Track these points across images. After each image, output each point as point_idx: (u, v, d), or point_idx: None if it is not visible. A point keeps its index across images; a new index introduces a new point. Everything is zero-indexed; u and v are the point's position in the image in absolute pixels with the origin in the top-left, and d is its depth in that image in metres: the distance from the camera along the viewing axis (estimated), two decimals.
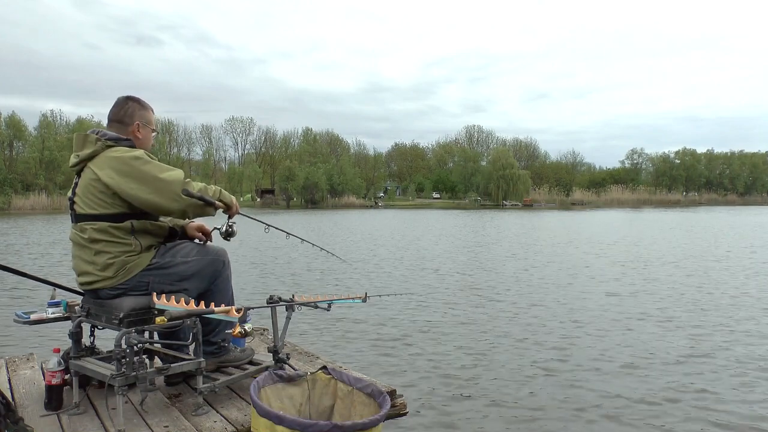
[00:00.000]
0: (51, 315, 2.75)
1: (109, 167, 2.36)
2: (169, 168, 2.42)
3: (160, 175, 2.35)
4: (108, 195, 2.37)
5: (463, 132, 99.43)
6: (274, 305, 2.53)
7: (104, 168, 2.36)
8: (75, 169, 2.49)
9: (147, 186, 2.34)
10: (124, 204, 2.40)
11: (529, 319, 7.41)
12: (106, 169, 2.36)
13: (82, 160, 2.44)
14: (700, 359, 5.57)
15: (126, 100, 2.61)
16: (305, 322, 6.94)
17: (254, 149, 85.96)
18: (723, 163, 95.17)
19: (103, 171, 2.36)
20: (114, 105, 2.60)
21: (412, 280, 10.90)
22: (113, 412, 2.28)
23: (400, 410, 2.59)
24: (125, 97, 2.62)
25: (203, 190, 2.46)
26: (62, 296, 2.89)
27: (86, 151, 2.44)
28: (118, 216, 2.40)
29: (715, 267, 12.54)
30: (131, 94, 2.65)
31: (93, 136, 2.45)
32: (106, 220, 2.39)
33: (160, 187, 2.34)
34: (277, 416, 1.77)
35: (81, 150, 2.45)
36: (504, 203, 74.57)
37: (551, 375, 5.15)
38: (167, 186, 2.35)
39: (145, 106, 2.63)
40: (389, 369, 5.33)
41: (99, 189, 2.37)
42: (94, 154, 2.42)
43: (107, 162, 2.38)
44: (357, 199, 74.58)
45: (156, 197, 2.35)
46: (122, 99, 2.61)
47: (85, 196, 2.41)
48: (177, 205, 2.37)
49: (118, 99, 2.62)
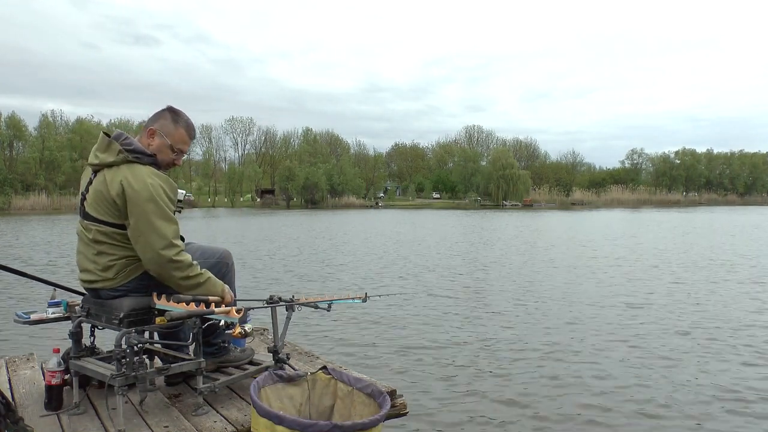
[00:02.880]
0: (51, 315, 2.75)
1: (119, 184, 2.29)
2: (171, 218, 2.33)
3: (154, 221, 2.27)
4: (114, 206, 2.32)
5: (463, 132, 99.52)
6: (274, 305, 2.53)
7: (115, 183, 2.30)
8: (94, 168, 2.42)
9: (137, 220, 2.28)
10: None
11: (530, 318, 7.41)
12: (116, 185, 2.29)
13: (102, 164, 2.37)
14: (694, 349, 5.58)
15: (165, 109, 2.52)
16: (305, 322, 6.94)
17: (254, 149, 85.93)
18: (723, 163, 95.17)
19: (114, 185, 2.30)
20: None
21: (412, 280, 10.90)
22: (113, 412, 2.28)
23: (401, 410, 2.59)
24: (167, 107, 2.52)
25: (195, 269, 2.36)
26: (62, 296, 2.89)
27: (107, 158, 2.36)
28: (123, 225, 2.36)
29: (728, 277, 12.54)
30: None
31: (117, 145, 2.35)
32: (112, 227, 2.36)
33: (145, 231, 2.27)
34: (277, 416, 1.77)
35: (103, 153, 2.38)
36: (504, 203, 74.57)
37: (552, 375, 5.15)
38: (155, 236, 2.27)
39: (177, 121, 2.49)
40: (389, 369, 5.33)
41: (106, 198, 2.32)
42: (113, 163, 2.35)
43: (121, 178, 2.30)
44: (357, 200, 74.57)
45: (138, 238, 2.28)
46: (164, 107, 2.53)
47: (95, 199, 2.37)
48: (151, 261, 2.29)
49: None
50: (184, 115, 2.54)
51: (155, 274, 2.37)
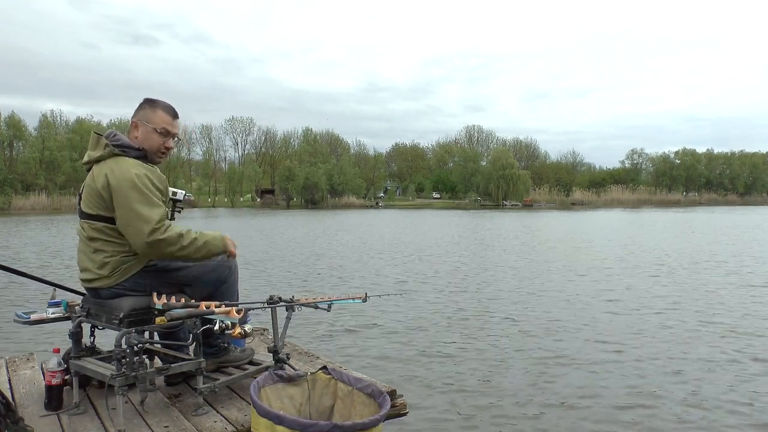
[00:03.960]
0: (51, 315, 2.75)
1: (104, 176, 2.36)
2: (155, 204, 2.36)
3: (138, 209, 2.31)
4: (103, 199, 2.37)
5: (463, 132, 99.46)
6: (274, 305, 2.53)
7: (101, 175, 2.37)
8: (86, 167, 2.52)
9: (122, 210, 2.33)
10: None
11: (530, 318, 7.42)
12: (101, 178, 2.36)
13: (91, 160, 2.47)
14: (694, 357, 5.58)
15: (142, 101, 2.58)
16: (305, 322, 6.94)
17: (254, 149, 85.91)
18: (723, 163, 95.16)
19: (100, 177, 2.37)
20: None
21: (412, 280, 10.90)
22: (113, 412, 2.28)
23: (401, 410, 2.59)
24: (143, 99, 2.59)
25: (186, 237, 2.39)
26: (62, 296, 2.89)
27: (95, 153, 2.46)
28: (113, 219, 2.38)
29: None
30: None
31: (104, 140, 2.45)
32: (102, 221, 2.40)
33: (130, 220, 2.31)
34: (276, 416, 1.77)
35: (93, 150, 2.48)
36: (504, 203, 74.56)
37: (553, 375, 5.15)
38: (141, 222, 2.31)
39: (153, 106, 2.55)
40: (389, 369, 5.33)
41: (96, 192, 2.38)
42: (101, 158, 2.44)
43: (106, 170, 2.38)
44: (357, 200, 74.56)
45: (127, 228, 2.33)
46: (141, 101, 2.59)
47: (87, 195, 2.44)
48: (143, 247, 2.33)
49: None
50: (161, 101, 2.59)
51: (154, 257, 2.41)
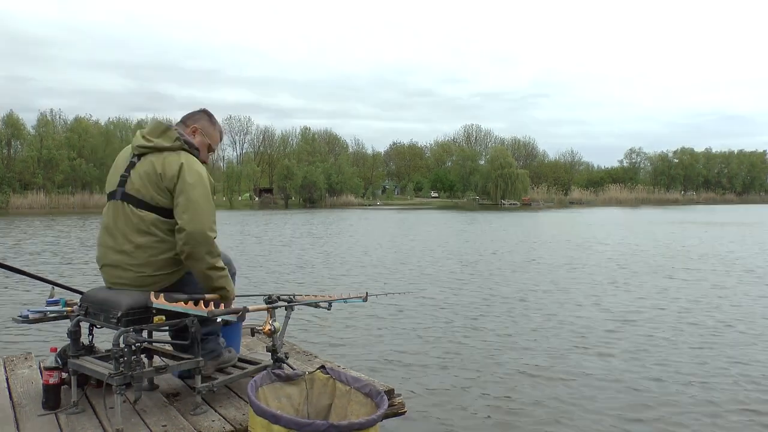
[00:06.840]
0: (50, 314, 2.75)
1: (179, 165, 2.42)
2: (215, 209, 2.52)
3: (205, 204, 2.44)
4: (165, 187, 2.41)
5: (461, 131, 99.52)
6: (273, 305, 2.54)
7: (173, 164, 2.43)
8: (140, 150, 2.50)
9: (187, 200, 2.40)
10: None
11: (530, 318, 7.42)
12: (174, 165, 2.42)
13: (155, 147, 2.48)
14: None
15: (201, 110, 2.73)
16: (305, 321, 6.94)
17: (252, 148, 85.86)
18: (721, 162, 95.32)
19: (172, 166, 2.42)
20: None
21: (412, 279, 10.91)
22: (111, 411, 2.28)
23: (399, 410, 2.60)
24: (202, 109, 2.74)
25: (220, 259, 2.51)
26: (61, 295, 2.89)
27: (163, 142, 2.48)
28: (168, 211, 2.43)
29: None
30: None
31: (175, 133, 2.51)
32: (155, 212, 2.42)
33: (196, 207, 2.40)
34: (273, 415, 1.77)
35: (159, 138, 2.50)
36: (502, 202, 74.56)
37: (553, 375, 5.16)
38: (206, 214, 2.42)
39: (213, 122, 2.72)
40: (388, 368, 5.33)
41: (160, 178, 2.41)
42: (170, 148, 2.48)
43: (182, 160, 2.45)
44: (355, 198, 74.52)
45: (183, 215, 2.39)
46: (199, 109, 2.74)
47: (142, 181, 2.43)
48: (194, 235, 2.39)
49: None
50: (217, 119, 2.77)
51: (187, 253, 2.39)
